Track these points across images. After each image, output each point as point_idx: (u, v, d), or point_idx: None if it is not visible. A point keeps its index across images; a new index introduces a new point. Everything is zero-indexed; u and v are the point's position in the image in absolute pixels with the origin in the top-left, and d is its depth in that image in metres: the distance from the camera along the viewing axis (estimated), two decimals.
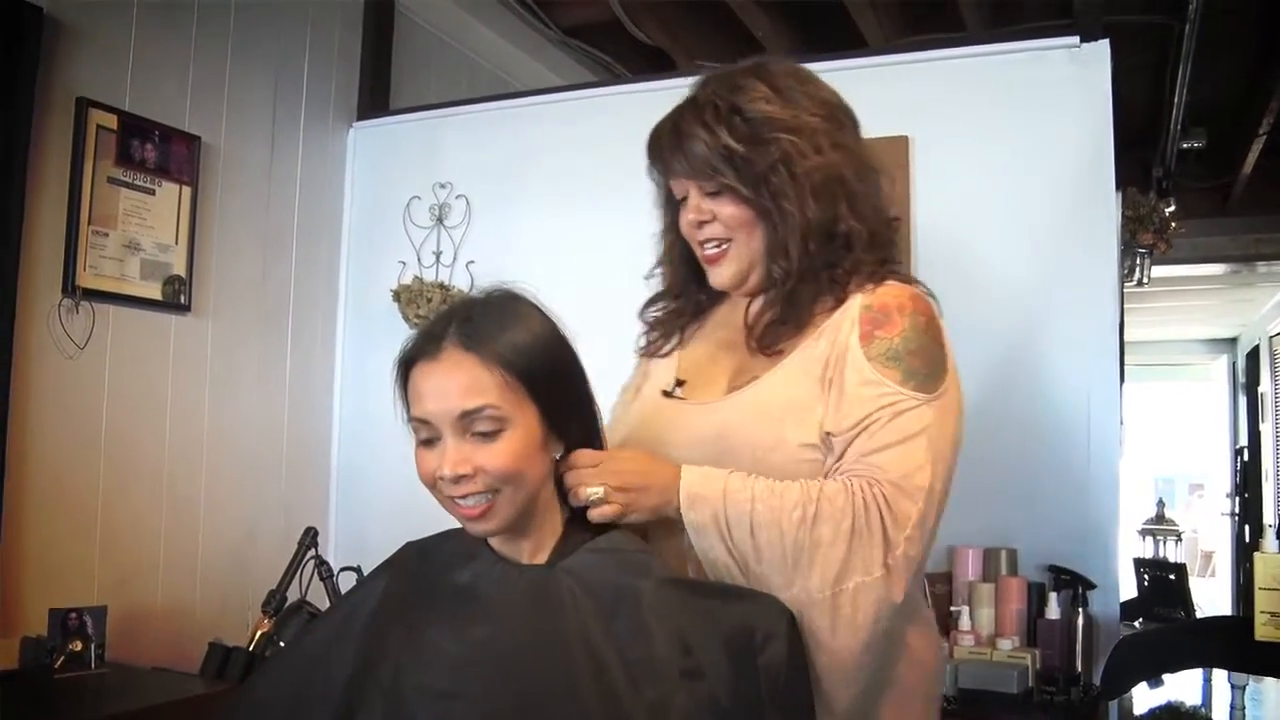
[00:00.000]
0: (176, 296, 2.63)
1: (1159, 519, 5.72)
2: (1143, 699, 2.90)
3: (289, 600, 2.23)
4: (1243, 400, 8.95)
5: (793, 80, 1.34)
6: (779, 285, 1.33)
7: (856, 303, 1.29)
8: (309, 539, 2.29)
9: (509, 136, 3.04)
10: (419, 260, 3.08)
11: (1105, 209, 2.35)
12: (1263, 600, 2.04)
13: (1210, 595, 8.27)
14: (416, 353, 1.13)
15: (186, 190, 2.65)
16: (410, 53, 3.46)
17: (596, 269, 2.84)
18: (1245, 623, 2.11)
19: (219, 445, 2.77)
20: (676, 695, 1.04)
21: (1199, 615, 3.62)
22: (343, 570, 2.22)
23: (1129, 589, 3.55)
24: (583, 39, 3.96)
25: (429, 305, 2.90)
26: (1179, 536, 5.75)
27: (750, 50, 3.69)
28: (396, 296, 2.98)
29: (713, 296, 1.47)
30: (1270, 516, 7.05)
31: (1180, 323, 9.02)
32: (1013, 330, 2.36)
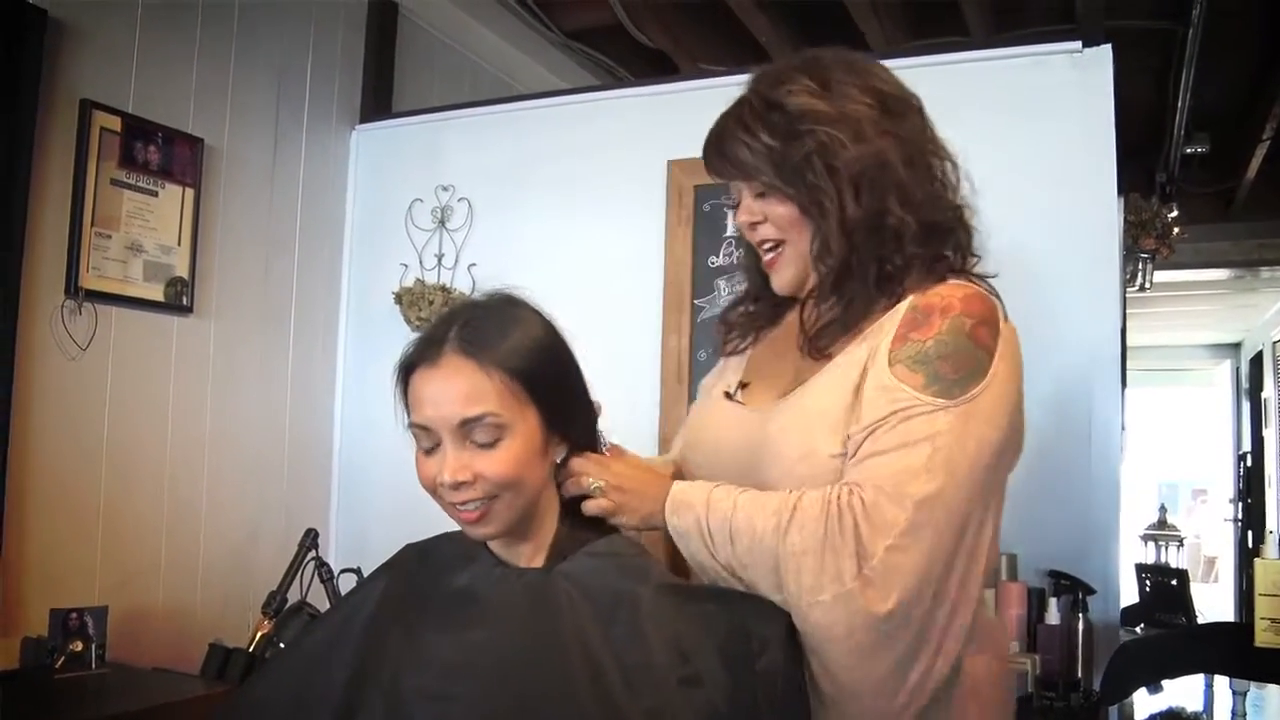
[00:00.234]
0: (179, 298, 2.63)
1: (1161, 524, 5.73)
2: (1144, 705, 2.89)
3: (289, 602, 2.23)
4: (1246, 406, 8.94)
5: (843, 70, 1.28)
6: (826, 284, 1.28)
7: (905, 304, 1.23)
8: (309, 540, 2.29)
9: (511, 139, 3.04)
10: (421, 263, 3.08)
11: (1107, 214, 2.35)
12: (1263, 606, 2.04)
13: (1213, 601, 8.25)
14: (416, 358, 1.12)
15: (189, 192, 2.65)
16: (413, 55, 3.46)
17: (598, 272, 2.86)
18: (1245, 629, 2.11)
19: (220, 447, 2.78)
20: (673, 702, 1.03)
21: (1200, 621, 3.61)
22: (343, 572, 2.22)
23: (1130, 594, 3.54)
24: (585, 42, 3.96)
25: (430, 308, 2.90)
26: (1181, 542, 5.75)
27: (752, 54, 3.72)
28: (398, 299, 2.99)
29: (789, 300, 1.40)
30: (1273, 522, 7.04)
31: (1184, 328, 9.01)
32: None
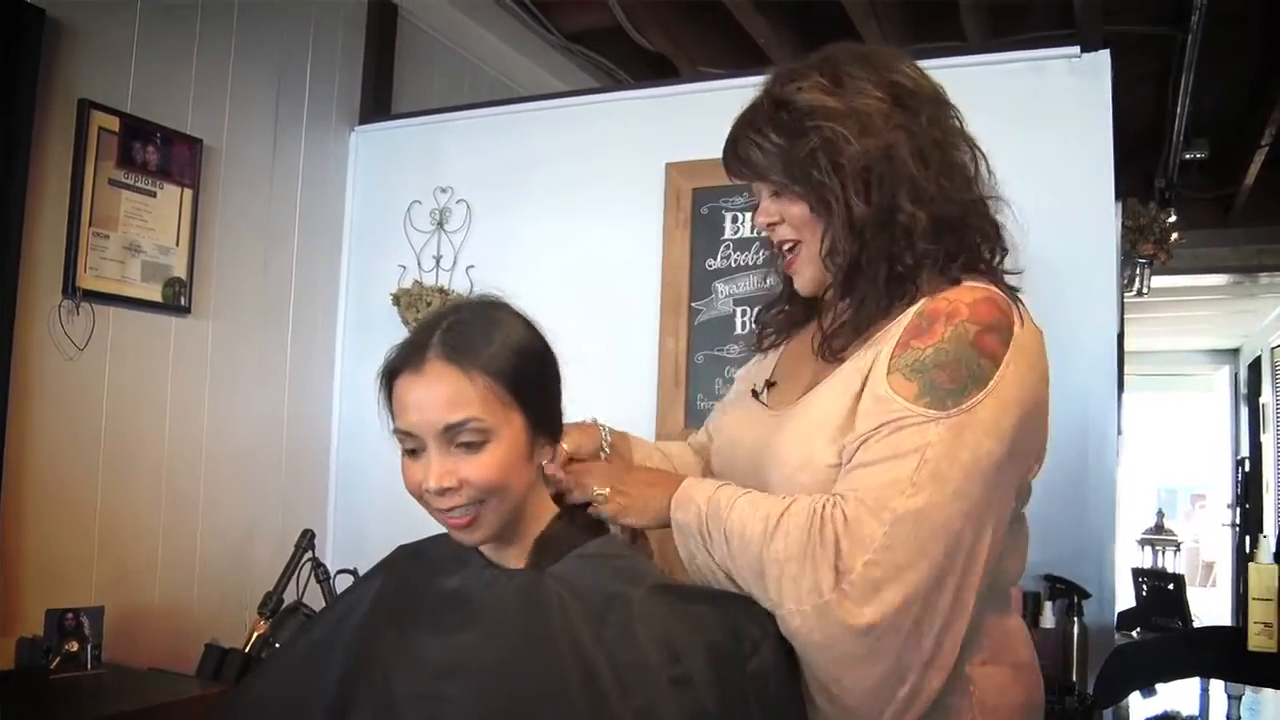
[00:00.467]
0: (177, 298, 2.63)
1: (1158, 529, 5.73)
2: (1139, 708, 2.89)
3: (285, 602, 2.24)
4: (1245, 411, 8.95)
5: (859, 65, 1.26)
6: (837, 284, 1.26)
7: (914, 309, 1.20)
8: (306, 541, 2.29)
9: (510, 141, 3.05)
10: (419, 264, 3.09)
11: (1105, 219, 2.35)
12: (1256, 611, 2.04)
13: (1211, 606, 8.25)
14: (400, 364, 1.12)
15: (188, 192, 2.65)
16: (412, 57, 3.46)
17: (596, 274, 2.86)
18: (1239, 633, 2.11)
19: (218, 447, 2.78)
20: (664, 702, 1.03)
21: (1196, 625, 3.60)
22: (340, 572, 2.22)
23: (1127, 599, 3.54)
24: (585, 44, 3.97)
25: (428, 309, 2.90)
26: (1178, 546, 5.75)
27: (752, 57, 3.73)
28: (396, 300, 2.99)
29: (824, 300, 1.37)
30: (1270, 527, 7.04)
31: (1183, 333, 9.02)
32: None
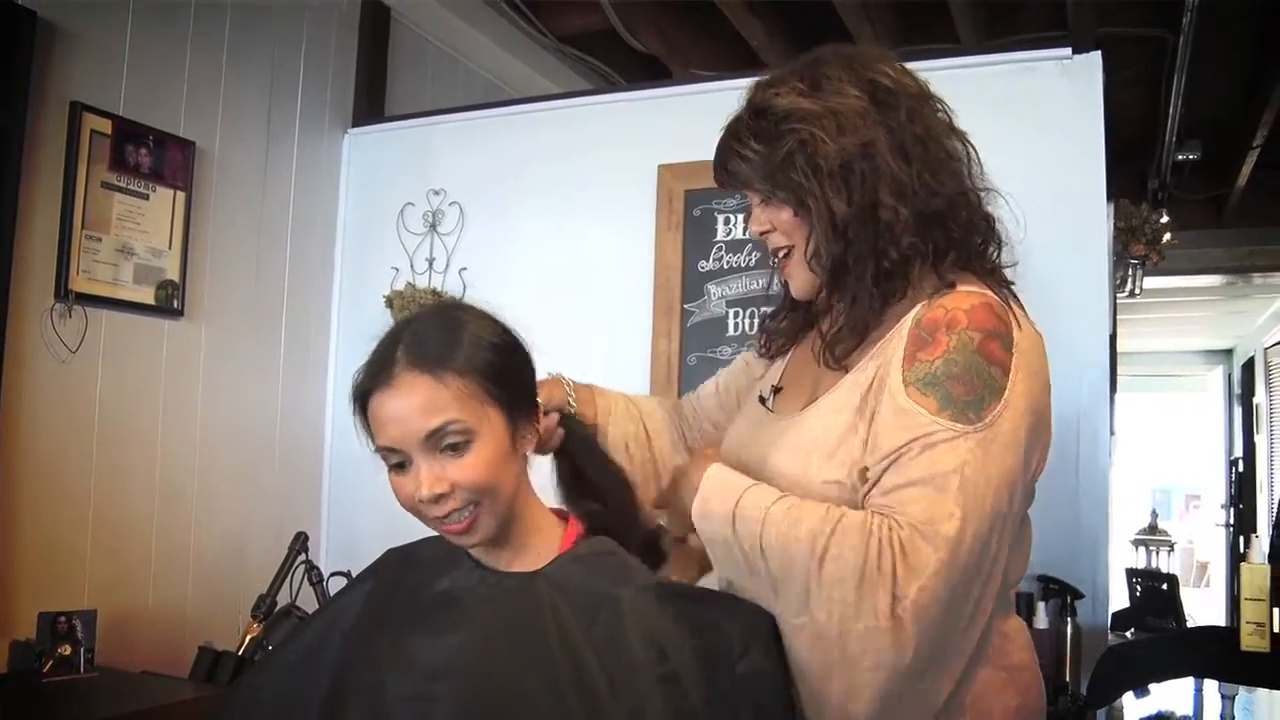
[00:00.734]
0: (170, 301, 2.63)
1: (1152, 529, 5.74)
2: (1133, 709, 2.90)
3: (279, 605, 2.23)
4: (1238, 411, 8.97)
5: (839, 67, 1.26)
6: (824, 284, 1.26)
7: (911, 318, 1.19)
8: (299, 544, 2.29)
9: (503, 143, 3.05)
10: (412, 266, 3.09)
11: (1097, 220, 2.36)
12: (1249, 610, 2.05)
13: (1205, 606, 8.27)
14: (369, 383, 1.12)
15: (181, 195, 2.65)
16: (406, 59, 3.46)
17: (588, 276, 2.86)
18: (1231, 633, 2.11)
19: (211, 450, 2.77)
20: (652, 700, 1.04)
21: (1190, 625, 3.61)
22: (333, 575, 2.22)
23: (1121, 599, 3.55)
24: (578, 47, 3.97)
25: None
26: (1171, 547, 5.76)
27: (745, 59, 3.73)
28: (389, 303, 2.99)
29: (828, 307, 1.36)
30: (1264, 527, 7.05)
31: (1177, 334, 9.04)
32: None
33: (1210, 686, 2.90)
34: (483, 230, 3.04)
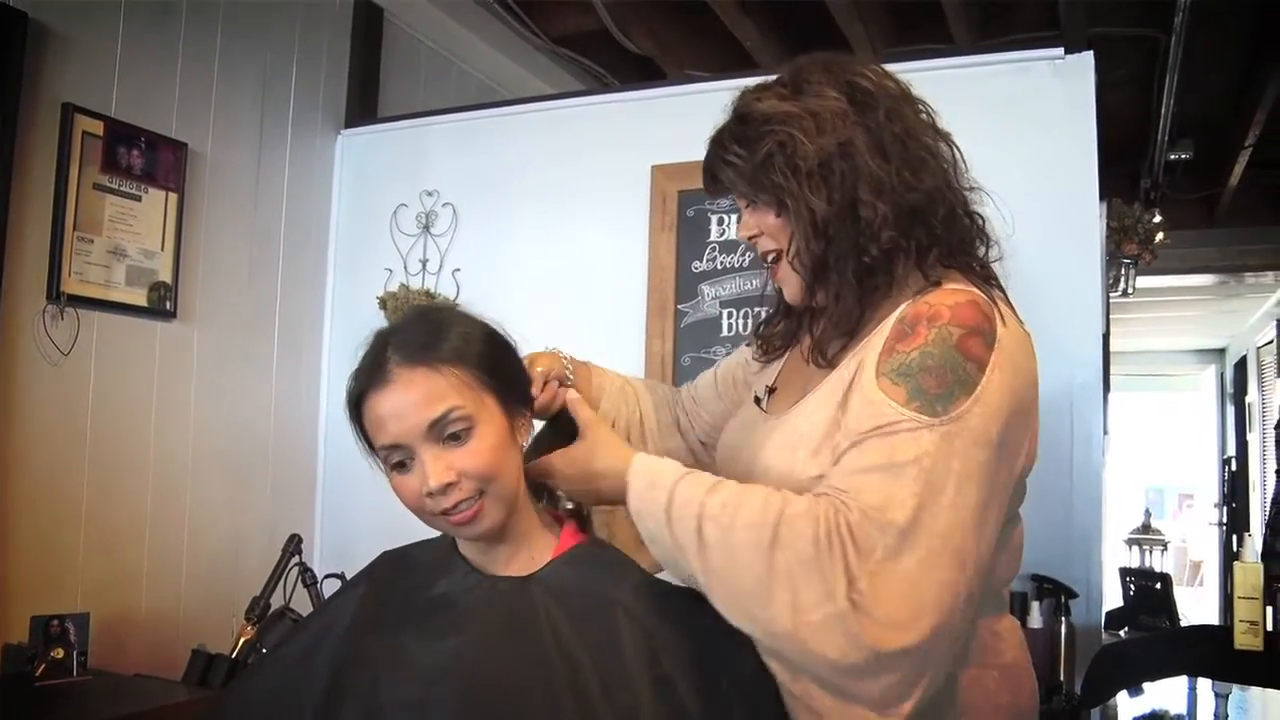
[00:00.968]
0: (162, 303, 2.62)
1: (1145, 529, 5.74)
2: (1127, 707, 2.91)
3: (272, 607, 2.23)
4: (1231, 410, 8.99)
5: (820, 71, 1.27)
6: (808, 284, 1.27)
7: (895, 314, 1.19)
8: (293, 546, 2.29)
9: (496, 145, 3.04)
10: (405, 268, 3.08)
11: (1089, 219, 2.36)
12: (1242, 609, 2.05)
13: (1199, 605, 8.29)
14: (364, 385, 1.12)
15: (173, 197, 2.64)
16: (398, 60, 3.46)
17: (582, 276, 2.86)
18: (1225, 632, 2.12)
19: (204, 452, 2.77)
20: (646, 702, 1.04)
21: (1184, 624, 3.62)
22: (327, 577, 2.21)
23: (1115, 598, 3.56)
24: (571, 48, 3.97)
25: None
26: (1165, 546, 5.76)
27: (738, 60, 3.73)
28: (382, 304, 2.98)
29: (821, 310, 1.35)
30: (1257, 526, 7.07)
31: (1169, 333, 9.07)
32: None
33: (1204, 685, 2.91)
34: (476, 231, 3.04)
